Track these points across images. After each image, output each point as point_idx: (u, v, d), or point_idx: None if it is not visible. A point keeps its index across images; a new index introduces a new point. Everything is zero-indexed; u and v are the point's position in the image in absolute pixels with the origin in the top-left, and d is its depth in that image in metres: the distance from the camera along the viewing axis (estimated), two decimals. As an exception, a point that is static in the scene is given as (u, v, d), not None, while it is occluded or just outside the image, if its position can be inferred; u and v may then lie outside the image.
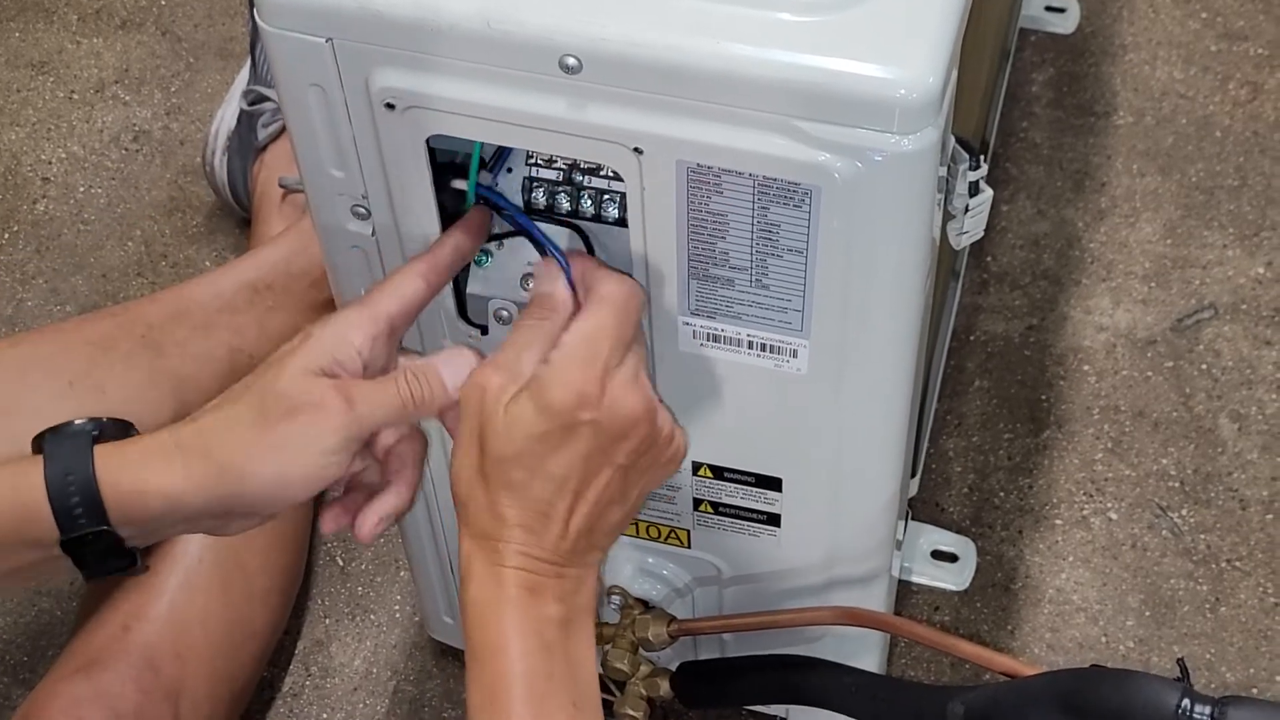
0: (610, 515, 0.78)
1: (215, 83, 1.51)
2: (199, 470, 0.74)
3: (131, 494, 0.74)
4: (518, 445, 0.75)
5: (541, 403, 0.74)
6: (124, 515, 0.75)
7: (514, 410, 0.75)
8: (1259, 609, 1.18)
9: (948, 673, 1.17)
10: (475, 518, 0.76)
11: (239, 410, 0.75)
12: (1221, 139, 1.43)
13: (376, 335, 0.77)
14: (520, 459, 0.75)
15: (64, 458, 0.74)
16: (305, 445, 0.74)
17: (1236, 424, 1.27)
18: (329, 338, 0.76)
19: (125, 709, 1.01)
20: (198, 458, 0.74)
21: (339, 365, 0.76)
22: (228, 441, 0.74)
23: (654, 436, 0.78)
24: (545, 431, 0.74)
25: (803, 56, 0.69)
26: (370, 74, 0.75)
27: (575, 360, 0.75)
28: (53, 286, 1.38)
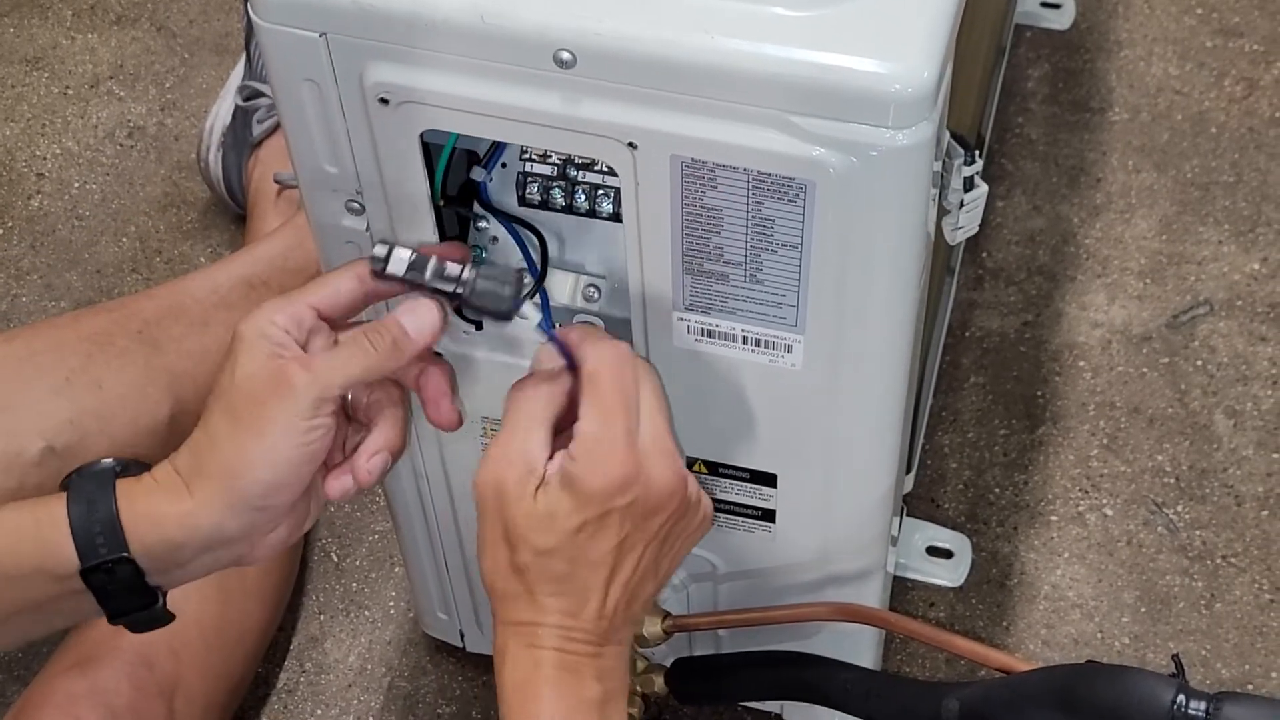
0: (645, 589, 0.78)
1: (210, 78, 1.51)
2: (201, 489, 0.75)
3: (148, 520, 0.76)
4: (557, 539, 0.74)
5: (580, 494, 0.74)
6: (143, 544, 0.76)
7: (547, 503, 0.74)
8: (1254, 605, 1.18)
9: (943, 669, 1.17)
10: (512, 609, 0.76)
11: (213, 423, 0.76)
12: (1217, 135, 1.43)
13: (299, 317, 0.76)
14: (561, 551, 0.74)
15: (87, 490, 0.76)
16: (282, 422, 0.74)
17: (1232, 420, 1.27)
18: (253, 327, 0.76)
19: (120, 705, 1.00)
20: (197, 478, 0.75)
21: (277, 346, 0.75)
22: (215, 452, 0.75)
23: (686, 505, 0.77)
24: (584, 521, 0.74)
25: (797, 51, 0.69)
26: (364, 69, 0.75)
27: (603, 445, 0.74)
28: (47, 282, 1.38)
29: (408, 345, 0.77)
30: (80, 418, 1.01)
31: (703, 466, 0.91)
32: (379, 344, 0.76)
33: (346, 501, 1.26)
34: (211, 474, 0.75)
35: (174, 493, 0.76)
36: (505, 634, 0.76)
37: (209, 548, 0.76)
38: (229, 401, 0.75)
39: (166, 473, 0.77)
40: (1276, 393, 1.28)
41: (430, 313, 0.77)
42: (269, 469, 0.75)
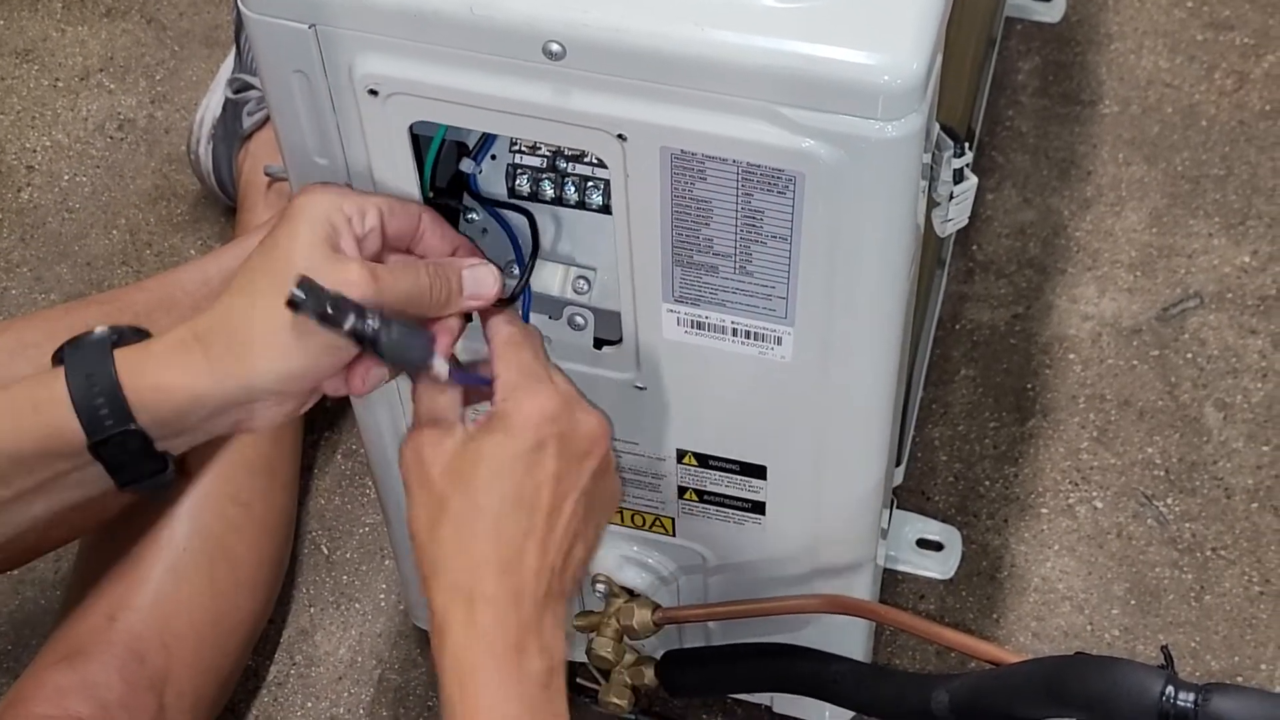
0: (577, 550, 0.77)
1: (200, 71, 1.50)
2: (225, 357, 0.73)
3: (154, 390, 0.74)
4: (485, 473, 0.74)
5: (511, 425, 0.74)
6: (150, 413, 0.74)
7: (476, 446, 0.74)
8: (1244, 597, 1.19)
9: (933, 661, 1.17)
10: (445, 568, 0.74)
11: (258, 289, 0.73)
12: (1207, 128, 1.43)
13: (364, 211, 0.75)
14: (491, 486, 0.74)
15: (85, 364, 0.74)
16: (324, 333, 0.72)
17: (1222, 412, 1.27)
18: (320, 207, 0.74)
19: (110, 699, 1.00)
20: (224, 345, 0.73)
21: (337, 233, 0.74)
22: (247, 325, 0.73)
23: (609, 460, 0.78)
24: (514, 454, 0.74)
25: (786, 42, 0.69)
26: (353, 60, 0.75)
27: (528, 380, 0.75)
28: (37, 275, 1.38)
29: (458, 301, 0.77)
30: (70, 410, 1.01)
31: (692, 459, 0.91)
32: (437, 286, 0.76)
33: (337, 495, 1.26)
34: (236, 343, 0.73)
35: (185, 357, 0.74)
36: (444, 604, 0.74)
37: (215, 414, 0.75)
38: (279, 275, 0.72)
39: (180, 337, 0.74)
40: (1266, 385, 1.28)
41: (491, 280, 0.77)
42: (295, 360, 0.73)
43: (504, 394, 0.75)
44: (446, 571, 0.74)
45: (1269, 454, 1.25)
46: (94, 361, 0.74)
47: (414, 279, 0.75)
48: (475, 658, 0.73)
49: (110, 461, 0.75)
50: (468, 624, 0.73)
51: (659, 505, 0.95)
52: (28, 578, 1.21)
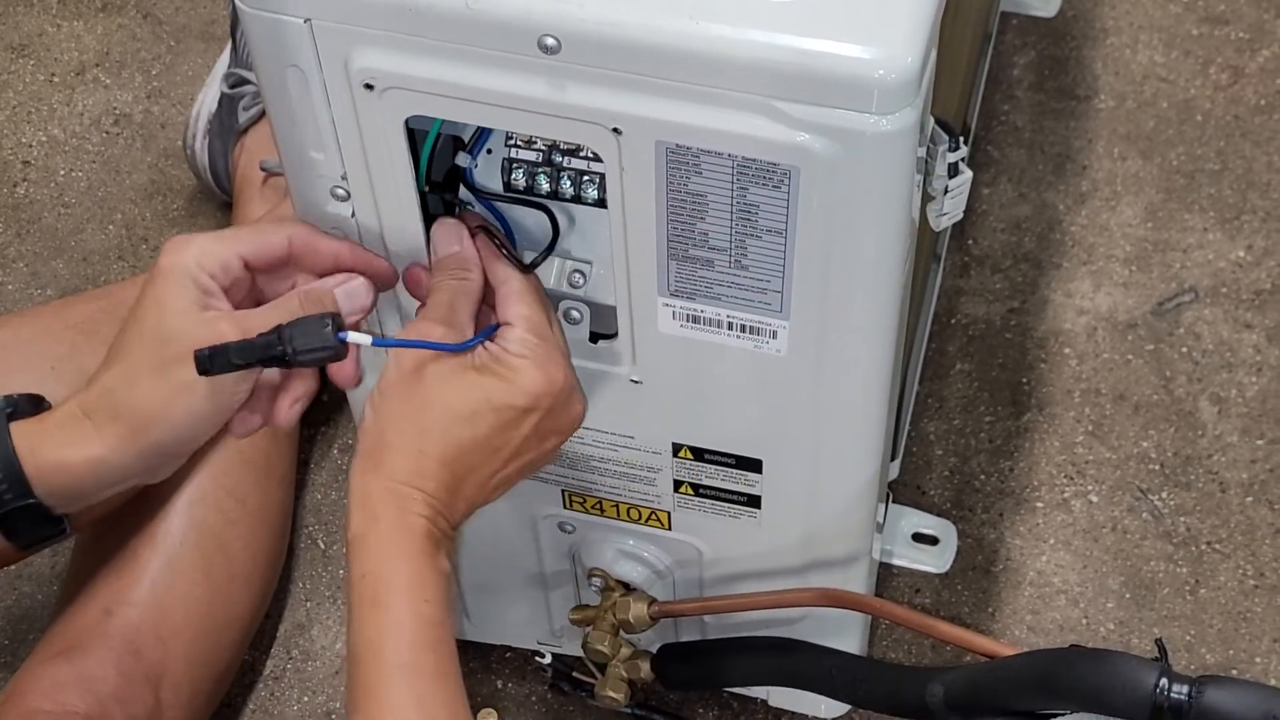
0: (496, 495, 0.80)
1: (196, 66, 1.50)
2: (112, 432, 0.76)
3: (53, 467, 0.77)
4: (473, 407, 0.76)
5: (511, 380, 0.77)
6: (48, 487, 0.77)
7: (475, 377, 0.77)
8: (1238, 591, 1.19)
9: (928, 655, 1.17)
10: (395, 462, 0.76)
11: (135, 363, 0.76)
12: (1202, 123, 1.43)
13: (227, 265, 0.77)
14: (473, 422, 0.76)
15: None
16: (213, 384, 0.75)
17: (1217, 407, 1.27)
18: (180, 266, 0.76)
19: (106, 692, 1.00)
20: (108, 421, 0.76)
21: (206, 295, 0.76)
22: (135, 396, 0.75)
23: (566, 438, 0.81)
24: (508, 405, 0.77)
25: (781, 37, 0.69)
26: (349, 54, 0.75)
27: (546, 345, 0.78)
28: (33, 270, 1.38)
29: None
30: (66, 405, 1.01)
31: (688, 452, 0.91)
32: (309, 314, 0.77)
33: (333, 489, 1.26)
34: (125, 418, 0.76)
35: (79, 434, 0.76)
36: (379, 491, 0.76)
37: (113, 485, 0.78)
38: (156, 347, 0.75)
39: (70, 413, 0.77)
40: (1261, 379, 1.29)
41: (364, 293, 0.80)
42: (188, 424, 0.76)
43: (517, 346, 0.78)
44: (393, 463, 0.76)
45: (1264, 448, 1.25)
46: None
47: (289, 311, 0.77)
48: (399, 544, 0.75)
49: (8, 529, 0.78)
50: (399, 515, 0.75)
51: (655, 499, 0.95)
52: (25, 573, 1.21)
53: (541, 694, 1.16)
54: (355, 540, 0.76)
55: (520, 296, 0.79)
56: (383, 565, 0.75)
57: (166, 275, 0.76)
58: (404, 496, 0.76)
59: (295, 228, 0.80)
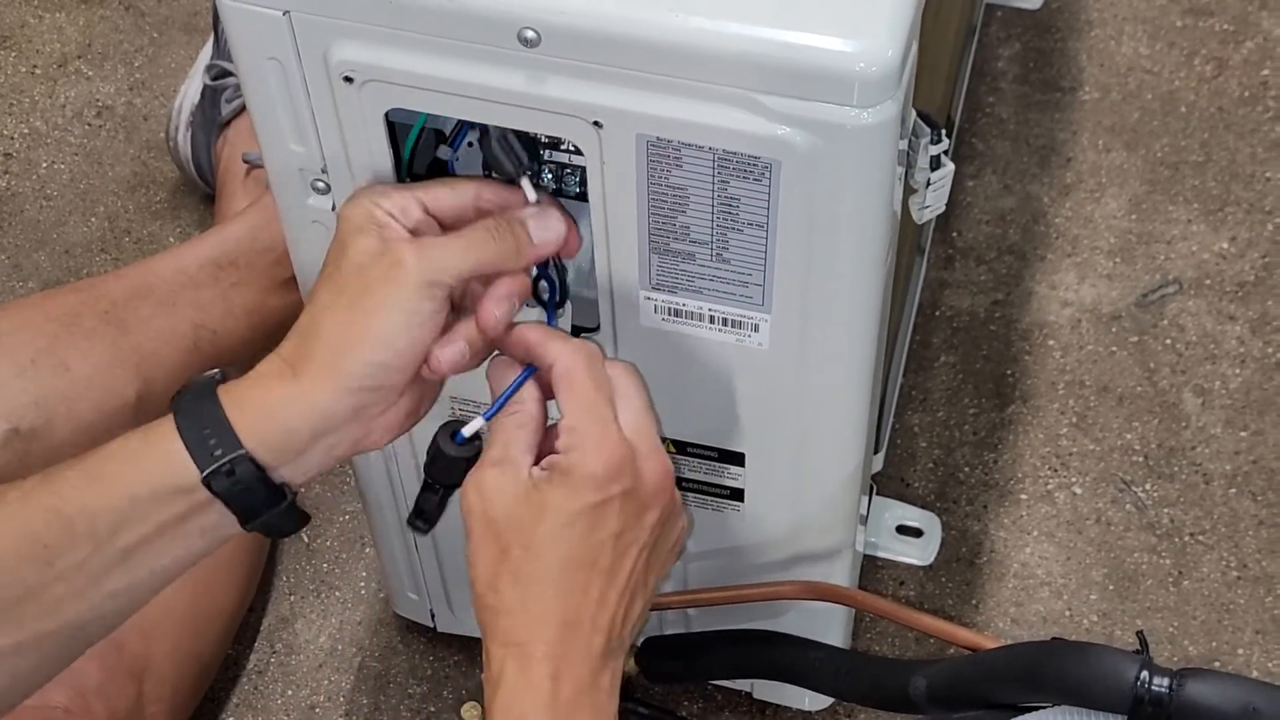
0: (636, 605, 0.76)
1: (179, 58, 1.50)
2: (308, 372, 0.73)
3: (256, 411, 0.73)
4: (551, 527, 0.72)
5: (574, 480, 0.72)
6: (256, 436, 0.73)
7: (539, 497, 0.73)
8: (1221, 582, 1.19)
9: (912, 647, 1.17)
10: (505, 623, 0.73)
11: (320, 303, 0.74)
12: (1187, 114, 1.43)
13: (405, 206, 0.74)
14: (556, 543, 0.72)
15: (191, 402, 0.74)
16: (391, 302, 0.73)
17: (1200, 398, 1.28)
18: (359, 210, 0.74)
19: (88, 686, 1.00)
20: (304, 361, 0.73)
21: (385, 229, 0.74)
22: (321, 333, 0.73)
23: (674, 506, 0.76)
24: (579, 510, 0.72)
25: (762, 29, 0.69)
26: (328, 47, 0.75)
27: (593, 431, 0.73)
28: (15, 263, 1.38)
29: (529, 250, 0.76)
30: (46, 399, 1.01)
31: (671, 446, 0.91)
32: (501, 240, 0.75)
33: (317, 483, 1.26)
34: (317, 355, 0.73)
35: (280, 379, 0.74)
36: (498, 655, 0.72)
37: (323, 432, 0.74)
38: (338, 282, 0.73)
39: (271, 363, 0.74)
40: (1244, 371, 1.29)
41: (558, 223, 0.77)
42: (376, 349, 0.73)
43: (568, 442, 0.73)
44: (503, 624, 0.73)
45: (1247, 439, 1.25)
46: (199, 399, 0.74)
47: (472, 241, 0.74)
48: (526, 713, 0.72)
49: (225, 494, 0.73)
50: (521, 678, 0.72)
51: (638, 492, 0.95)
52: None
53: (525, 687, 1.16)
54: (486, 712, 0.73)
55: (565, 378, 0.75)
56: None
57: (344, 219, 0.74)
58: (519, 656, 0.72)
59: (483, 185, 0.77)
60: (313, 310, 0.74)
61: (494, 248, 0.75)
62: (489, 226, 0.75)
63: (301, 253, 0.87)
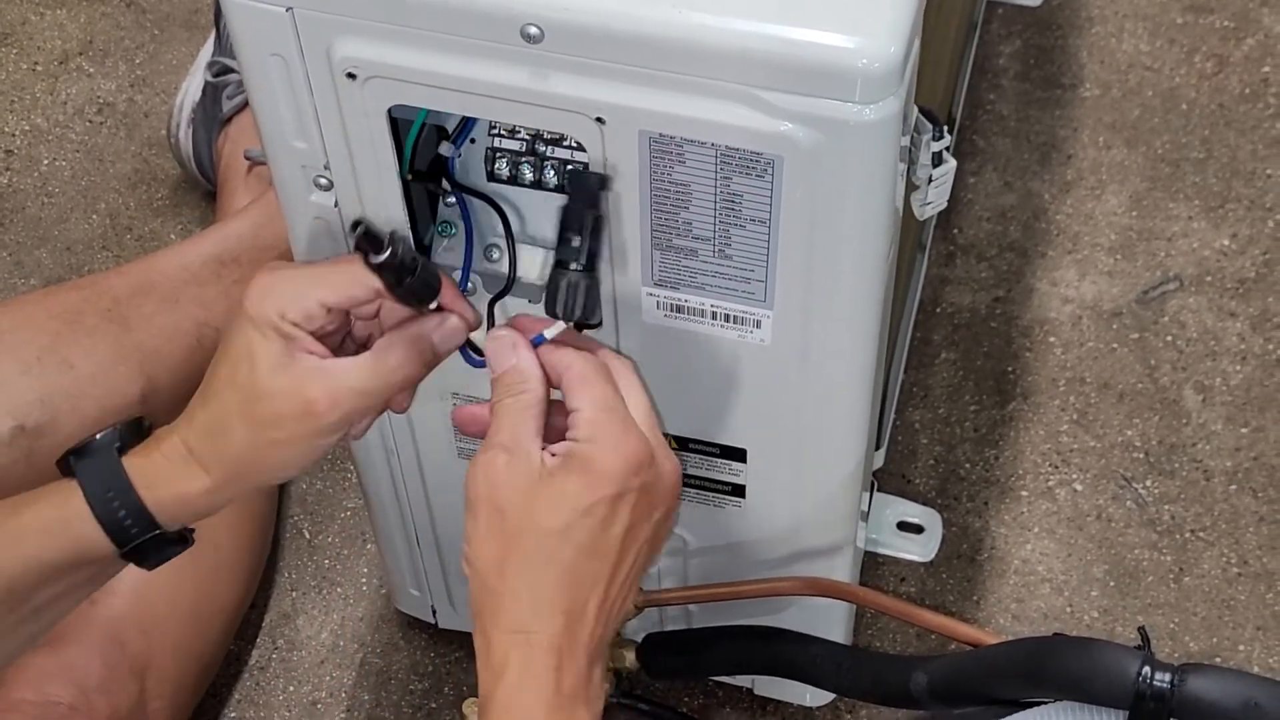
0: (628, 599, 0.76)
1: (180, 55, 1.50)
2: (217, 474, 0.76)
3: (172, 500, 0.77)
4: (566, 519, 0.72)
5: (593, 472, 0.72)
6: (171, 518, 0.78)
7: (553, 485, 0.72)
8: (1222, 579, 1.19)
9: (913, 643, 1.17)
10: (511, 608, 0.72)
11: (228, 411, 0.76)
12: (1187, 111, 1.44)
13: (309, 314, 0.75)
14: (570, 535, 0.72)
15: (99, 478, 0.77)
16: (306, 439, 0.75)
17: (1201, 395, 1.28)
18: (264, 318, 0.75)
19: (91, 683, 1.00)
20: (213, 463, 0.76)
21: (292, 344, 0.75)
22: (233, 446, 0.76)
23: (676, 506, 0.77)
24: (596, 501, 0.72)
25: (764, 25, 0.69)
26: (331, 43, 0.75)
27: (613, 422, 0.73)
28: (16, 260, 1.38)
29: (434, 361, 0.77)
30: (50, 397, 1.01)
31: (673, 441, 0.91)
32: (409, 373, 0.76)
33: (319, 479, 1.26)
34: (228, 465, 0.76)
35: (188, 471, 0.77)
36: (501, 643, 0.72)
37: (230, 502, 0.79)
38: (248, 403, 0.75)
39: (179, 452, 0.77)
40: (1245, 368, 1.29)
41: (460, 332, 0.77)
42: (284, 472, 0.77)
43: (586, 431, 0.73)
44: (509, 610, 0.72)
45: (1248, 436, 1.25)
46: (108, 477, 0.77)
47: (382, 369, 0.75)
48: (530, 703, 0.72)
49: (138, 558, 0.78)
50: (525, 668, 0.72)
51: (639, 488, 0.95)
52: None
53: (527, 683, 1.16)
54: (486, 702, 0.72)
55: (585, 377, 0.74)
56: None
57: (252, 325, 0.75)
58: (524, 644, 0.72)
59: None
60: (219, 410, 0.76)
61: (402, 373, 0.76)
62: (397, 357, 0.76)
63: (304, 249, 0.87)
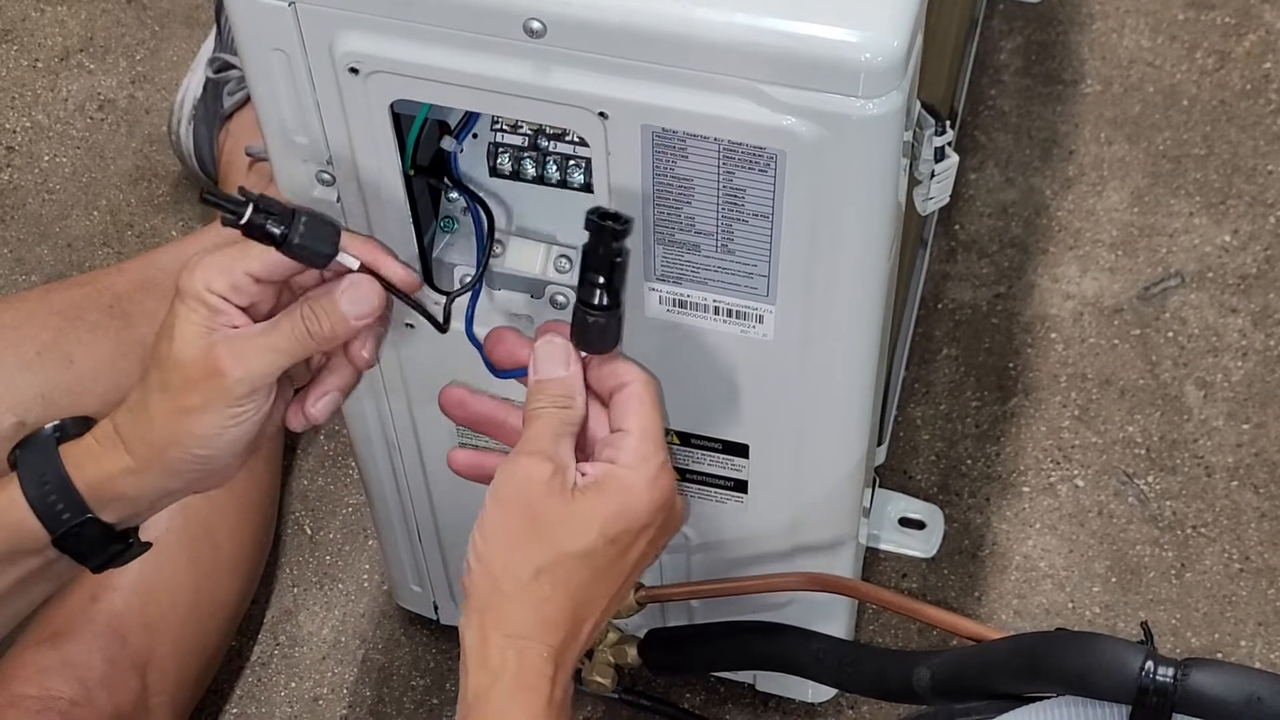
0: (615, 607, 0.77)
1: (181, 51, 1.50)
2: (139, 452, 0.77)
3: (99, 481, 0.78)
4: (591, 542, 0.72)
5: (629, 502, 0.73)
6: (101, 502, 0.78)
7: (588, 506, 0.73)
8: (1224, 574, 1.19)
9: (915, 639, 1.17)
10: (517, 617, 0.72)
11: (149, 388, 0.77)
12: (1189, 107, 1.43)
13: (237, 284, 0.75)
14: (591, 557, 0.73)
15: (35, 464, 0.78)
16: (212, 408, 0.76)
17: (1202, 391, 1.28)
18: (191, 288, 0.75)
19: (92, 679, 1.00)
20: (136, 440, 0.77)
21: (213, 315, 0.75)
22: (151, 420, 0.77)
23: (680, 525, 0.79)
24: (624, 530, 0.73)
25: (767, 20, 0.69)
26: (333, 38, 0.75)
27: (656, 457, 0.74)
28: (18, 256, 1.38)
29: (344, 330, 0.77)
30: (51, 392, 1.01)
31: (675, 437, 0.91)
32: (315, 330, 0.76)
33: (320, 475, 1.26)
34: (146, 440, 0.77)
35: (115, 454, 0.77)
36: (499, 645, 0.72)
37: (161, 497, 0.79)
38: (163, 374, 0.76)
39: (107, 432, 0.78)
40: (1246, 364, 1.29)
41: (372, 295, 0.77)
42: (199, 446, 0.77)
43: (629, 459, 0.74)
44: (515, 618, 0.73)
45: (1249, 432, 1.25)
46: (43, 461, 0.78)
47: (288, 335, 0.76)
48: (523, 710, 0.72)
49: (74, 551, 0.79)
50: (522, 675, 0.72)
51: (641, 484, 0.95)
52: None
53: (529, 679, 1.16)
54: (476, 700, 0.72)
55: (642, 401, 0.75)
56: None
57: (180, 298, 0.75)
58: (525, 652, 0.72)
59: None
60: (144, 393, 0.77)
61: (308, 341, 0.76)
62: (304, 316, 0.76)
63: (306, 244, 0.87)
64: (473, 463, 0.79)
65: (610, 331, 0.76)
